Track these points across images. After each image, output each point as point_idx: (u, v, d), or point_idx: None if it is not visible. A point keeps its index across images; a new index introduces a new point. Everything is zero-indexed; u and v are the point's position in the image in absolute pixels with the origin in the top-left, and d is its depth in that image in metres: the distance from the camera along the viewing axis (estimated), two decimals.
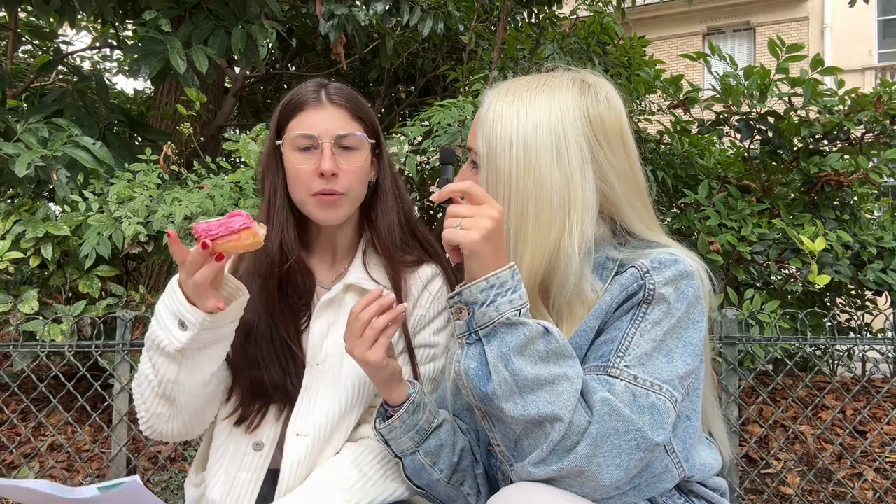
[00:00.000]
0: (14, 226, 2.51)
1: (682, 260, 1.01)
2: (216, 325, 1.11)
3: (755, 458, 2.54)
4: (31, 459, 2.62)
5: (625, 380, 0.93)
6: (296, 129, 1.27)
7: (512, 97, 1.07)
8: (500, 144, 1.04)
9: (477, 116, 1.12)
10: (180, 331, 1.11)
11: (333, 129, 1.26)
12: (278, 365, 1.27)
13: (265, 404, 1.28)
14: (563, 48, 3.82)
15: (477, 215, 0.95)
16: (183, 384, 1.17)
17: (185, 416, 1.23)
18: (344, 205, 1.28)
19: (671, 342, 0.97)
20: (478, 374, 0.94)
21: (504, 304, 0.93)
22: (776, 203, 2.82)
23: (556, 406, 0.89)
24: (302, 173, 1.26)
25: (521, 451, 0.94)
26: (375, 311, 1.07)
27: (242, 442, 1.28)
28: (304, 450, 1.24)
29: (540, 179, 1.02)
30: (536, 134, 1.03)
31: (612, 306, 1.01)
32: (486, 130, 1.06)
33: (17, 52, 5.75)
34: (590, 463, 0.89)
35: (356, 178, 1.29)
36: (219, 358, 1.19)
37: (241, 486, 1.26)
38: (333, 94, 1.29)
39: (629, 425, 0.90)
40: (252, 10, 3.57)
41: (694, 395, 1.05)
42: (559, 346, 0.93)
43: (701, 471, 1.08)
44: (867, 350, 3.13)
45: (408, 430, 1.13)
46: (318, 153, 1.25)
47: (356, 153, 1.28)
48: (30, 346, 2.31)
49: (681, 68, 4.50)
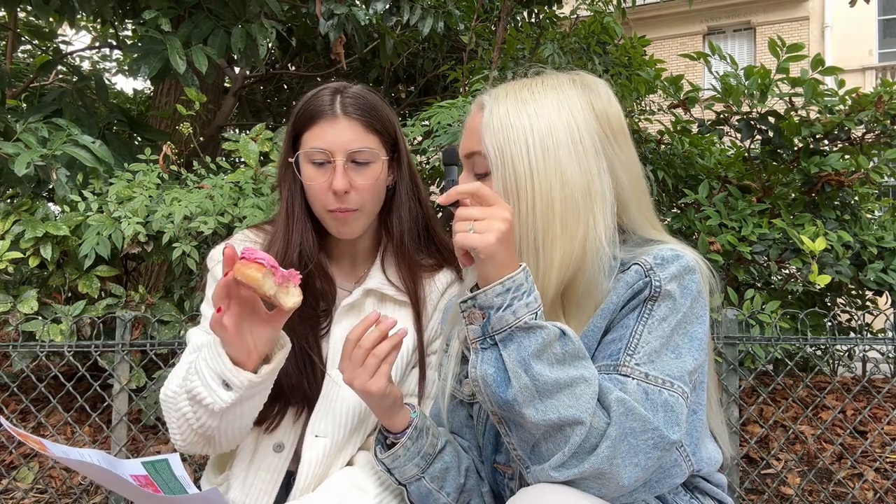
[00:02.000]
0: (13, 226, 2.50)
1: (684, 255, 1.01)
2: (261, 383, 1.09)
3: (755, 458, 2.54)
4: (30, 459, 2.62)
5: (636, 378, 0.93)
6: (310, 142, 1.25)
7: (514, 99, 1.05)
8: (516, 146, 1.01)
9: (473, 123, 1.08)
10: (225, 391, 1.08)
11: (346, 144, 1.23)
12: (296, 368, 1.26)
13: (284, 406, 1.27)
14: (563, 48, 3.82)
15: (490, 217, 0.92)
16: (224, 430, 1.16)
17: (223, 446, 1.22)
18: (358, 220, 1.28)
19: (678, 338, 0.97)
20: (496, 379, 0.91)
21: (521, 308, 0.91)
22: (776, 203, 2.82)
23: (577, 409, 0.88)
24: (315, 189, 1.25)
25: (539, 454, 0.93)
26: (377, 337, 1.03)
27: (263, 443, 1.28)
28: (321, 451, 1.24)
29: (563, 178, 1.00)
30: (552, 132, 1.01)
31: (619, 305, 1.00)
32: (495, 135, 1.02)
33: (16, 51, 5.75)
34: (610, 464, 0.88)
35: (370, 192, 1.27)
36: (260, 405, 1.18)
37: (261, 486, 1.26)
38: (349, 104, 1.25)
39: (646, 424, 0.89)
40: (252, 9, 3.57)
41: (700, 389, 1.06)
42: (575, 347, 0.92)
43: (707, 464, 1.08)
44: (867, 350, 3.12)
45: (412, 458, 1.10)
46: (331, 168, 1.23)
47: (370, 168, 1.26)
48: (29, 347, 2.30)
49: (681, 68, 4.50)
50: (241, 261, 0.99)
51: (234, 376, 1.07)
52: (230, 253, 1.00)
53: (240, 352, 1.07)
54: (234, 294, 1.04)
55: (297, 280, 1.02)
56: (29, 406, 2.35)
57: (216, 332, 1.06)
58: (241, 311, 1.05)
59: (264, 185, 2.56)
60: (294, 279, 1.02)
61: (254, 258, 0.99)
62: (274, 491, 1.26)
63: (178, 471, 0.97)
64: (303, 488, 1.23)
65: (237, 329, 1.05)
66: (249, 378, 1.07)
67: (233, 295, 1.04)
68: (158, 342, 2.26)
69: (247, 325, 1.07)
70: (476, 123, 1.07)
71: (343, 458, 1.27)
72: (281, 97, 6.58)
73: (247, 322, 1.07)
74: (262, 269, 0.98)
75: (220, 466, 1.37)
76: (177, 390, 1.18)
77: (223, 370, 1.07)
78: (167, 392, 1.20)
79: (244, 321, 1.06)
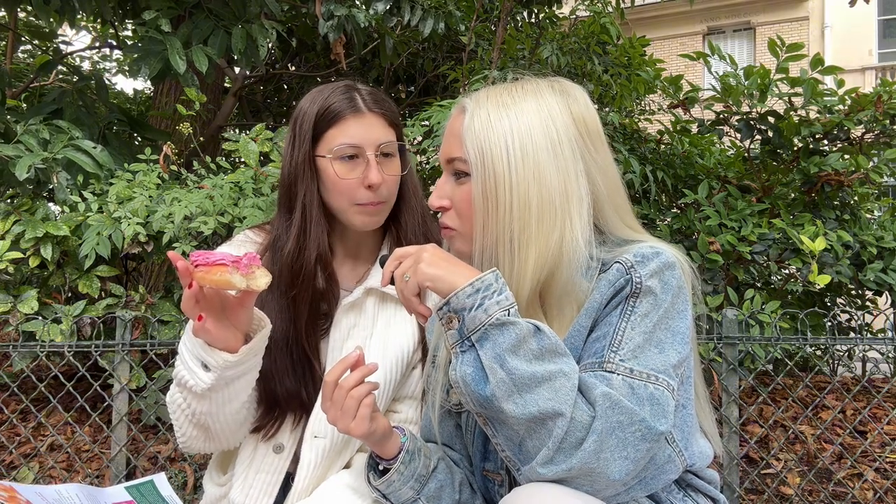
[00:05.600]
0: (13, 226, 2.51)
1: (664, 252, 1.03)
2: (239, 363, 1.11)
3: (755, 458, 2.54)
4: (30, 459, 2.62)
5: (621, 374, 0.94)
6: (338, 139, 1.26)
7: (495, 103, 1.07)
8: (497, 148, 1.03)
9: (454, 127, 1.10)
10: (204, 372, 1.11)
11: (376, 138, 1.27)
12: (293, 375, 1.27)
13: (281, 414, 1.28)
14: (563, 48, 3.82)
15: (412, 259, 1.00)
16: (215, 415, 1.18)
17: (221, 438, 1.24)
18: (385, 211, 1.32)
19: (661, 333, 0.99)
20: (475, 378, 0.94)
21: (493, 306, 0.94)
22: (776, 203, 2.82)
23: (556, 402, 0.90)
24: (346, 185, 1.26)
25: (526, 453, 0.94)
26: (356, 380, 1.04)
27: (263, 444, 1.29)
28: (320, 452, 1.24)
29: (540, 179, 1.02)
30: (531, 135, 1.04)
31: (602, 303, 1.02)
32: (476, 137, 1.04)
33: (16, 51, 5.75)
34: (597, 459, 0.89)
35: (395, 184, 1.32)
36: (248, 387, 1.19)
37: (261, 486, 1.27)
38: (370, 100, 1.29)
39: (632, 417, 0.90)
40: (252, 10, 3.57)
41: (686, 384, 1.07)
42: (552, 343, 0.94)
43: (699, 458, 1.09)
44: (867, 350, 3.13)
45: (406, 481, 1.11)
46: (362, 163, 1.26)
47: (394, 160, 1.31)
48: (29, 347, 2.31)
49: (681, 68, 4.50)
50: (199, 269, 1.00)
51: (210, 356, 1.09)
52: (183, 266, 1.01)
53: (228, 342, 1.10)
54: (201, 299, 1.06)
55: (258, 262, 1.03)
56: (29, 406, 2.35)
57: (203, 338, 1.09)
58: (214, 310, 1.08)
59: (264, 185, 2.56)
60: (255, 262, 1.02)
61: (212, 262, 0.99)
62: (273, 492, 1.27)
63: (164, 490, 0.97)
64: (301, 490, 1.23)
65: (220, 327, 1.09)
66: (225, 358, 1.09)
67: (201, 301, 1.06)
68: (158, 342, 2.26)
69: (224, 318, 1.10)
70: (457, 127, 1.08)
71: (342, 459, 1.27)
72: (281, 97, 6.58)
73: (223, 316, 1.10)
74: (225, 269, 0.99)
75: (223, 466, 1.37)
76: (174, 390, 1.20)
77: (199, 352, 1.10)
78: (170, 389, 1.22)
79: (221, 317, 1.09)
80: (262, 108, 6.41)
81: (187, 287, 1.03)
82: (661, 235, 2.63)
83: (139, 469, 2.42)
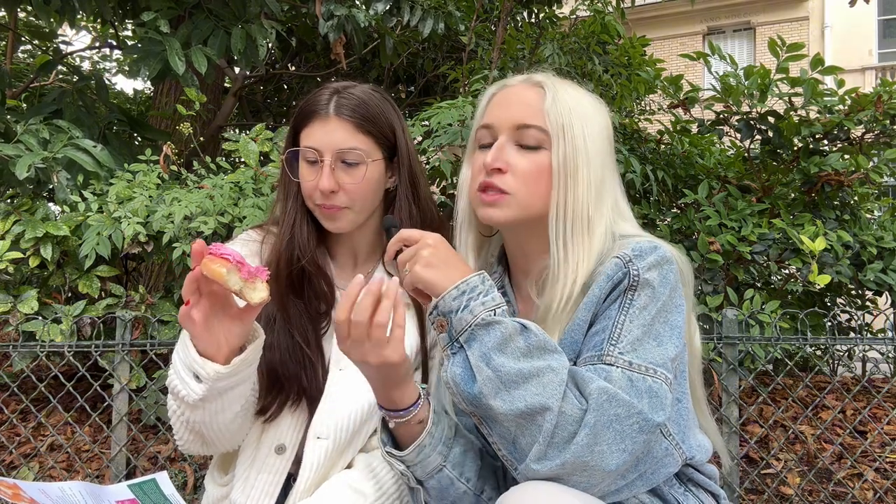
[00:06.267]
0: (13, 226, 2.50)
1: (661, 246, 1.06)
2: (231, 374, 1.10)
3: (755, 458, 2.54)
4: (30, 459, 2.62)
5: (621, 366, 0.95)
6: (303, 141, 1.28)
7: (568, 87, 1.15)
8: (578, 129, 1.10)
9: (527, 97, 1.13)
10: (196, 383, 1.09)
11: (335, 144, 1.25)
12: (293, 361, 1.27)
13: (281, 396, 1.28)
14: (563, 48, 3.82)
15: (414, 252, 1.01)
16: (209, 424, 1.17)
17: (217, 445, 1.24)
18: (347, 216, 1.29)
19: (659, 326, 1.00)
20: (463, 378, 0.96)
21: (478, 307, 0.96)
22: (776, 203, 2.82)
23: (543, 396, 0.90)
24: (307, 186, 1.29)
25: (520, 450, 0.95)
26: (371, 303, 0.94)
27: (265, 444, 1.28)
28: (322, 453, 1.24)
29: (602, 165, 1.13)
30: (597, 124, 1.14)
31: (601, 297, 1.03)
32: (559, 112, 1.10)
33: (16, 51, 5.75)
34: (591, 452, 0.90)
35: (359, 192, 1.28)
36: (241, 397, 1.18)
37: (262, 487, 1.26)
38: (343, 105, 1.27)
39: (630, 409, 0.91)
40: (252, 10, 3.57)
41: (681, 378, 1.09)
42: (539, 340, 0.95)
43: (699, 451, 1.10)
44: (867, 350, 3.13)
45: (437, 445, 1.05)
46: (319, 168, 1.26)
47: (358, 168, 1.27)
48: (29, 347, 2.31)
49: (681, 68, 4.49)
50: (208, 256, 1.00)
51: (202, 367, 1.08)
52: (198, 248, 1.00)
53: (209, 345, 1.07)
54: (203, 289, 1.05)
55: (264, 276, 1.02)
56: (29, 406, 2.35)
57: (184, 326, 1.07)
58: (211, 305, 1.06)
59: (264, 185, 2.56)
60: (262, 275, 1.02)
61: (220, 254, 0.99)
62: (275, 493, 1.26)
63: (166, 489, 0.97)
64: (302, 490, 1.22)
65: (206, 324, 1.06)
66: (216, 369, 1.08)
67: (203, 290, 1.05)
68: (158, 342, 2.26)
69: (217, 319, 1.07)
70: (534, 98, 1.13)
71: (344, 460, 1.27)
72: (281, 97, 6.58)
73: (217, 317, 1.07)
74: (227, 264, 0.99)
75: (225, 467, 1.37)
76: (171, 399, 1.20)
77: (191, 362, 1.09)
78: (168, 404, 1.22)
79: (214, 316, 1.07)
80: (262, 108, 6.41)
81: (192, 269, 1.03)
82: (662, 235, 2.62)
83: (139, 469, 2.41)
